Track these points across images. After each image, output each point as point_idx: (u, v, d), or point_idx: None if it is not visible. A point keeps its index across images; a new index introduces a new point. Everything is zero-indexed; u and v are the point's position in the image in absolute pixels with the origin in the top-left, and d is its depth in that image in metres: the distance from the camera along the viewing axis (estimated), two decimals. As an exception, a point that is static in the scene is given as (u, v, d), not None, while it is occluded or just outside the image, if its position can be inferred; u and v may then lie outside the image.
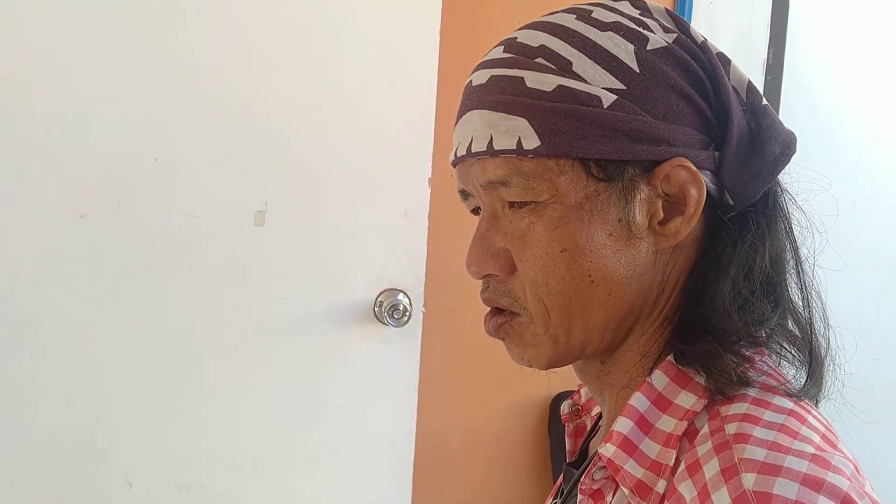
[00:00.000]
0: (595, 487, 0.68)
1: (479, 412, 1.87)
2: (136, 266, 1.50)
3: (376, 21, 1.56)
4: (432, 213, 1.59)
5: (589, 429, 0.84)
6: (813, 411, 0.64)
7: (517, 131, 0.65)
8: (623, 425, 0.64)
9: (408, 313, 1.58)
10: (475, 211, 0.73)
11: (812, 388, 0.67)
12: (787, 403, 0.62)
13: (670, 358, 0.66)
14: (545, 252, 0.66)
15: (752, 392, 0.63)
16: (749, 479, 0.54)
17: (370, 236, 1.59)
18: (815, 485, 0.54)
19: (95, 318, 1.49)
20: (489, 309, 0.72)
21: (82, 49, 1.44)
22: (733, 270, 0.66)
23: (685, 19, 0.70)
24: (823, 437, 0.60)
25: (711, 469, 0.57)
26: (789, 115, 1.94)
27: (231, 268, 1.54)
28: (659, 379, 0.65)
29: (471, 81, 0.69)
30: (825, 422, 0.64)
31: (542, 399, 1.88)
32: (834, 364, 0.70)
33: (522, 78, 0.65)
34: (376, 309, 1.58)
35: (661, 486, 0.62)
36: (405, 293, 1.59)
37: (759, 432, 0.58)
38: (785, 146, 0.68)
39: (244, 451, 1.58)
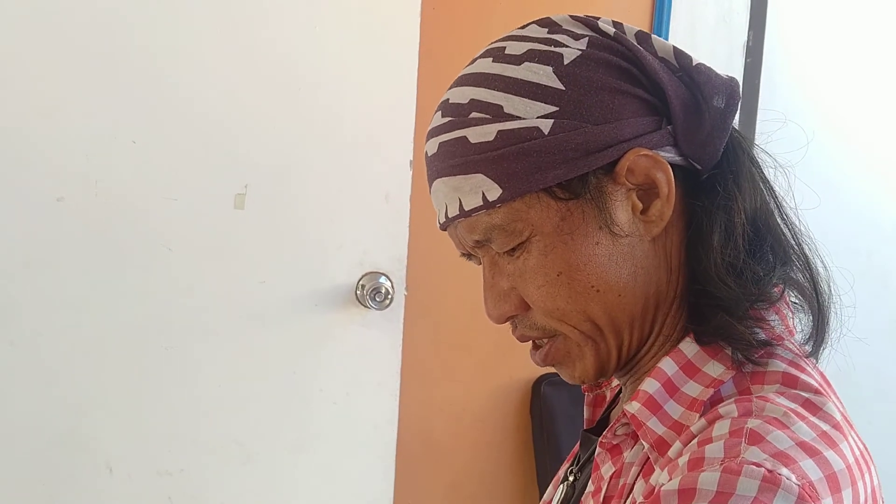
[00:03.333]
0: (615, 442, 0.71)
1: (461, 395, 1.87)
2: (115, 250, 1.49)
3: (356, 3, 1.55)
4: (414, 197, 1.59)
5: (609, 400, 0.86)
6: (833, 397, 0.66)
7: (479, 187, 0.67)
8: (650, 385, 0.67)
9: (390, 296, 1.58)
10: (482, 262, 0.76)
11: (817, 340, 0.70)
12: (813, 383, 0.65)
13: (685, 342, 0.69)
14: (545, 281, 0.68)
15: (782, 368, 0.65)
16: (754, 422, 0.58)
17: (351, 220, 1.59)
18: (810, 451, 0.57)
19: (74, 302, 1.48)
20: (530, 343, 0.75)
21: (58, 32, 1.42)
22: (714, 238, 0.68)
23: (592, 18, 0.71)
24: (837, 424, 0.62)
25: (727, 412, 0.61)
26: (771, 97, 1.95)
27: (211, 251, 1.53)
28: (689, 346, 0.68)
29: (426, 152, 0.72)
30: (843, 409, 0.66)
31: (524, 382, 1.88)
32: (839, 305, 0.72)
33: (465, 136, 0.68)
34: (358, 292, 1.58)
35: (677, 445, 0.64)
36: (387, 276, 1.59)
37: (782, 400, 0.62)
38: (728, 97, 0.69)
39: (226, 436, 1.57)
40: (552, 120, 0.66)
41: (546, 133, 0.66)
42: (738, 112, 0.72)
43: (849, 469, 0.58)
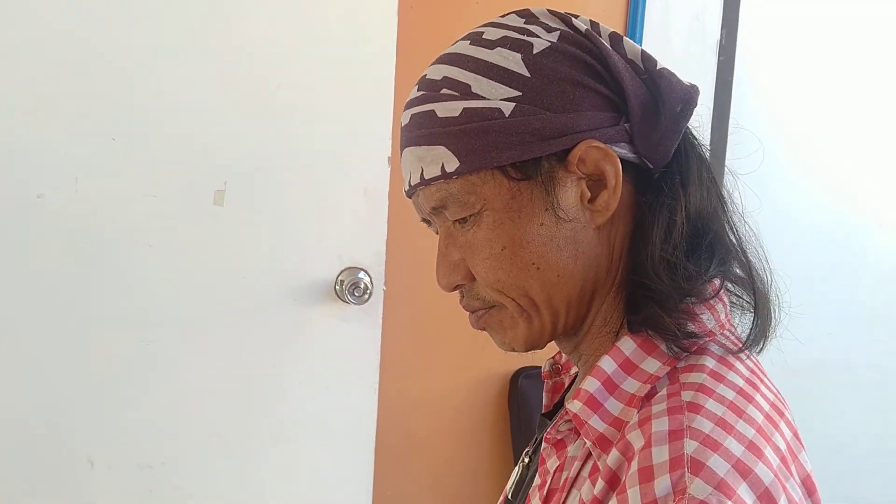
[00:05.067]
0: (559, 437, 0.74)
1: (440, 388, 1.89)
2: (95, 246, 1.50)
3: (334, 0, 1.57)
4: (392, 192, 1.61)
5: (566, 386, 0.90)
6: (763, 385, 0.70)
7: (440, 158, 0.72)
8: (590, 384, 0.70)
9: (369, 291, 1.60)
10: (439, 232, 0.80)
11: (757, 334, 0.72)
12: (740, 380, 0.68)
13: (622, 340, 0.71)
14: (489, 254, 0.73)
15: (711, 364, 0.68)
16: (691, 446, 0.60)
17: (330, 215, 1.60)
18: (743, 472, 0.59)
19: (55, 297, 1.49)
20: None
21: (37, 30, 1.43)
22: (654, 234, 0.72)
23: (569, 14, 0.75)
24: (767, 415, 0.66)
25: (661, 426, 0.63)
26: (742, 96, 1.99)
27: (191, 247, 1.54)
28: (626, 344, 0.71)
29: (402, 122, 0.77)
30: (772, 397, 0.70)
31: (501, 375, 1.91)
32: (778, 302, 0.75)
33: (433, 110, 0.72)
34: (337, 287, 1.60)
35: (615, 454, 0.66)
36: (366, 271, 1.61)
37: (710, 405, 0.64)
38: (685, 102, 0.73)
39: (206, 430, 1.59)
40: (514, 104, 0.70)
41: (507, 115, 0.70)
42: (711, 112, 0.75)
43: (776, 477, 0.61)
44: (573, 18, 0.74)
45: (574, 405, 0.70)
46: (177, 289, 1.54)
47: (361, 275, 1.60)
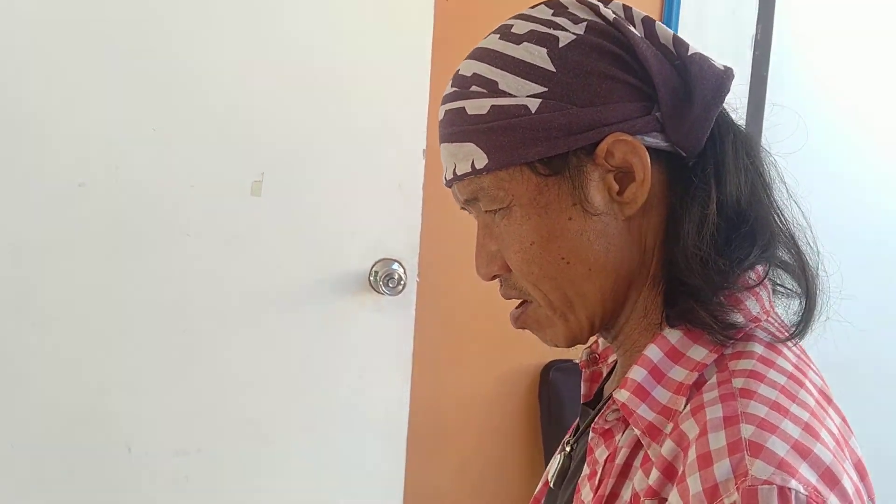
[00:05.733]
0: (606, 427, 0.74)
1: (471, 380, 1.90)
2: (135, 234, 1.53)
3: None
4: (426, 185, 1.62)
5: (605, 375, 0.89)
6: (810, 373, 0.69)
7: (470, 155, 0.73)
8: (637, 373, 0.70)
9: (402, 282, 1.61)
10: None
11: (804, 322, 0.72)
12: (788, 365, 0.68)
13: (666, 330, 0.71)
14: (520, 247, 0.74)
15: (759, 350, 0.68)
16: (748, 430, 0.60)
17: (365, 207, 1.62)
18: (803, 452, 0.60)
19: (95, 285, 1.52)
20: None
21: (81, 21, 1.45)
22: (685, 229, 0.71)
23: (597, 2, 0.74)
24: (817, 401, 0.66)
25: (715, 413, 0.63)
26: (779, 90, 1.97)
27: (228, 237, 1.56)
28: (672, 333, 0.71)
29: (438, 117, 0.78)
30: (820, 382, 0.70)
31: (533, 367, 1.91)
32: (823, 290, 0.74)
33: (464, 108, 0.73)
34: (371, 278, 1.61)
35: (669, 428, 0.67)
36: (400, 263, 1.62)
37: (763, 390, 0.64)
38: (717, 88, 0.72)
39: (241, 418, 1.61)
40: (540, 100, 0.70)
41: (533, 111, 0.70)
42: (747, 104, 0.74)
43: (835, 457, 0.61)
44: (602, 6, 0.73)
45: (622, 394, 0.70)
46: (213, 278, 1.56)
47: (395, 266, 1.61)
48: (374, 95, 1.59)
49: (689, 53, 0.72)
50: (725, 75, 0.73)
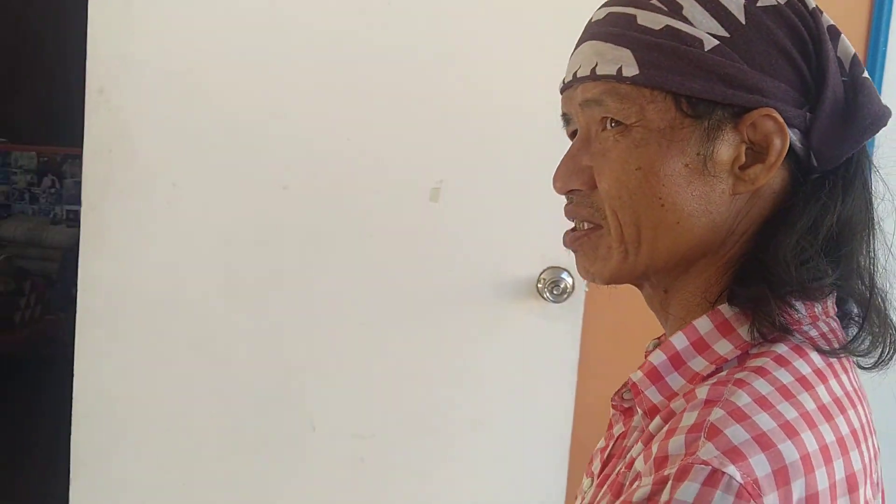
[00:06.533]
0: (626, 406, 0.75)
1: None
2: (327, 232, 1.70)
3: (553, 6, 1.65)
4: (598, 197, 1.64)
5: None
6: (832, 381, 0.67)
7: (620, 60, 0.71)
8: (656, 357, 0.70)
9: (569, 291, 1.65)
10: (572, 135, 0.79)
11: (859, 344, 0.69)
12: (806, 368, 0.65)
13: (723, 306, 0.70)
14: (622, 168, 0.71)
15: (781, 350, 0.66)
16: (717, 413, 0.60)
17: (537, 216, 1.67)
18: (764, 445, 0.58)
19: (292, 277, 1.71)
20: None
21: (287, 44, 1.66)
22: (800, 225, 0.69)
23: None
24: (823, 407, 0.64)
25: (701, 395, 0.64)
26: None
27: (406, 239, 1.69)
28: (703, 323, 0.69)
29: (591, 19, 0.76)
30: (843, 392, 0.67)
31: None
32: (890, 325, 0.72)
33: (635, 15, 0.71)
34: (539, 285, 1.67)
35: (657, 420, 0.68)
36: (568, 272, 1.66)
37: (758, 384, 0.63)
38: (876, 118, 0.71)
39: (411, 410, 1.72)
40: (718, 42, 0.69)
41: (706, 49, 0.69)
42: None
43: (805, 458, 0.59)
44: None
45: (636, 374, 0.71)
46: (392, 277, 1.70)
47: (564, 275, 1.66)
48: (546, 106, 1.64)
49: (862, 76, 0.72)
50: (887, 111, 0.72)
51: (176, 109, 1.67)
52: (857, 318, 0.73)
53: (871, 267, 0.73)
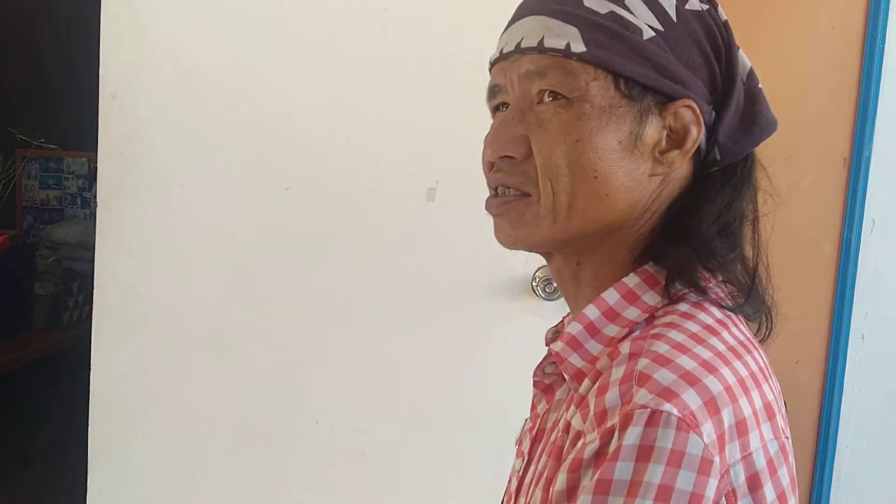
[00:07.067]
0: (547, 382, 0.82)
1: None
2: (328, 232, 1.75)
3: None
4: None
5: None
6: (733, 328, 0.72)
7: (568, 36, 0.75)
8: (573, 328, 0.76)
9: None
10: (497, 107, 0.83)
11: (747, 306, 0.76)
12: (709, 319, 0.71)
13: (629, 276, 0.76)
14: (563, 138, 0.74)
15: (684, 307, 0.72)
16: (643, 363, 0.66)
17: (532, 215, 1.70)
18: (691, 381, 0.64)
19: (296, 275, 1.76)
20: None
21: (287, 50, 1.71)
22: (718, 204, 0.76)
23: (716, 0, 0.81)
24: (731, 348, 0.69)
25: (623, 350, 0.69)
26: None
27: (405, 238, 1.73)
28: (610, 295, 0.75)
29: None
30: (743, 338, 0.73)
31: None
32: (773, 310, 0.80)
33: None
34: (533, 283, 1.69)
35: (587, 382, 0.72)
36: (563, 270, 1.68)
37: (672, 334, 0.69)
38: (770, 124, 0.80)
39: (411, 406, 1.76)
40: (654, 34, 0.75)
41: (644, 38, 0.75)
42: None
43: (728, 389, 0.65)
44: (719, 7, 0.80)
45: (557, 345, 0.76)
46: (391, 274, 1.74)
47: (558, 273, 1.67)
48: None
49: (758, 86, 0.80)
50: (776, 120, 0.80)
51: (184, 114, 1.74)
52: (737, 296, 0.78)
53: (756, 254, 0.79)
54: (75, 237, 4.45)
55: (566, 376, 0.75)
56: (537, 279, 1.68)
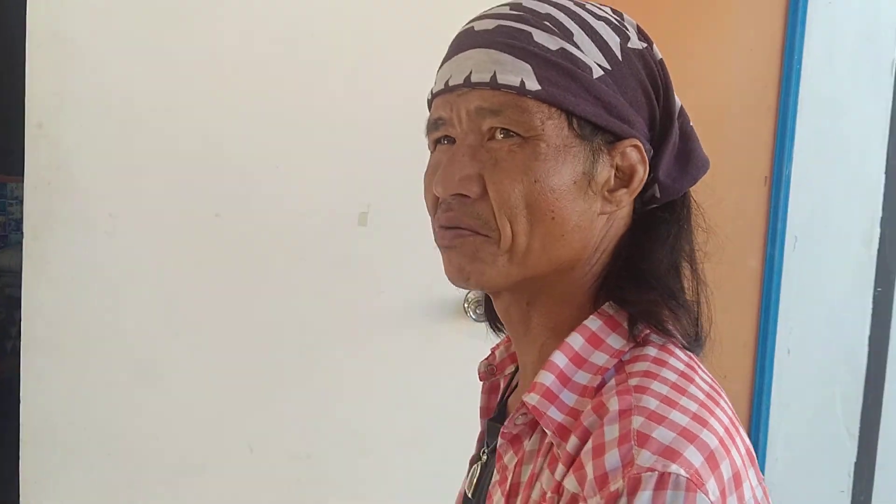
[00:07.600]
0: (515, 433, 0.77)
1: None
2: (260, 258, 1.74)
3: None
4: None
5: (503, 388, 0.91)
6: (700, 371, 0.74)
7: (521, 73, 0.73)
8: (545, 378, 0.74)
9: (494, 310, 1.68)
10: (439, 140, 0.80)
11: (697, 346, 0.78)
12: (679, 364, 0.72)
13: (590, 319, 0.75)
14: (520, 178, 0.73)
15: (653, 352, 0.73)
16: (638, 421, 0.65)
17: (463, 237, 1.71)
18: (689, 438, 0.64)
19: (226, 302, 1.75)
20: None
21: (215, 78, 1.71)
22: (669, 243, 0.78)
23: (650, 37, 0.81)
24: (708, 395, 0.70)
25: (612, 406, 0.68)
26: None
27: (337, 263, 1.73)
28: (575, 340, 0.75)
29: (472, 27, 0.78)
30: (710, 380, 0.74)
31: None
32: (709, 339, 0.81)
33: (531, 32, 0.74)
34: (465, 305, 1.70)
35: (573, 440, 0.71)
36: (494, 291, 1.69)
37: (655, 386, 0.69)
38: (704, 162, 0.81)
39: (347, 429, 1.76)
40: (602, 72, 0.75)
41: (594, 77, 0.74)
42: (888, 132, 0.82)
43: (721, 442, 0.66)
44: (653, 44, 0.81)
45: (531, 398, 0.73)
46: (323, 298, 1.74)
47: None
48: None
49: (689, 125, 0.81)
50: (708, 159, 0.82)
51: (111, 142, 1.72)
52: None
53: (696, 287, 0.80)
54: (19, 264, 4.35)
55: (548, 431, 0.72)
56: (469, 301, 1.70)
